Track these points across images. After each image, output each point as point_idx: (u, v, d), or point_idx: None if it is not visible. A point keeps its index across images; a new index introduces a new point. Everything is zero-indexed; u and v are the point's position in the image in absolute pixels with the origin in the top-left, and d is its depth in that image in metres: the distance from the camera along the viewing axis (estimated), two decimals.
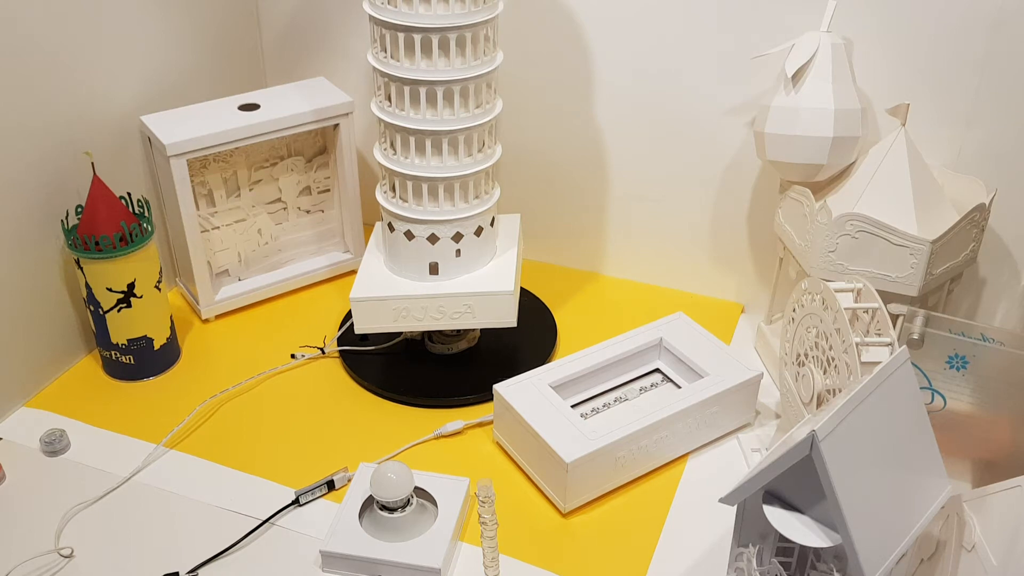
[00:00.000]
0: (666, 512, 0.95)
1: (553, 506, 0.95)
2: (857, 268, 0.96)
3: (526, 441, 0.96)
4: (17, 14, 0.97)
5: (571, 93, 1.19)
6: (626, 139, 1.20)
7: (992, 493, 0.74)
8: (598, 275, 1.32)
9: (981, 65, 0.99)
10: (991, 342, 0.87)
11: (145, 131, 1.13)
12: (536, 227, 1.28)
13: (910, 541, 0.70)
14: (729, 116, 1.13)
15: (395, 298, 1.05)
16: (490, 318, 1.07)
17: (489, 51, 0.99)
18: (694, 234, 1.23)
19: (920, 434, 0.75)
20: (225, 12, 1.26)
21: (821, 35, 0.97)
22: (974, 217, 0.96)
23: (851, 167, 1.01)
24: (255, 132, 1.14)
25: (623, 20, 1.12)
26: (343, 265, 1.30)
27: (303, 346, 1.17)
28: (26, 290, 1.05)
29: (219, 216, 1.21)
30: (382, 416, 1.07)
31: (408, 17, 0.93)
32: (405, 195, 1.04)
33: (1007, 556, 0.68)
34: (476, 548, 0.90)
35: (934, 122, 1.03)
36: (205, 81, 1.25)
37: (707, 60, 1.10)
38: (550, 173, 1.27)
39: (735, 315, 1.24)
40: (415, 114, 0.99)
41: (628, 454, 0.95)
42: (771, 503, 0.71)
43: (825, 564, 0.75)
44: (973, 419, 0.91)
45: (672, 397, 0.99)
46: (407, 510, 0.88)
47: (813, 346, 0.88)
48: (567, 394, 1.01)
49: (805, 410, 0.89)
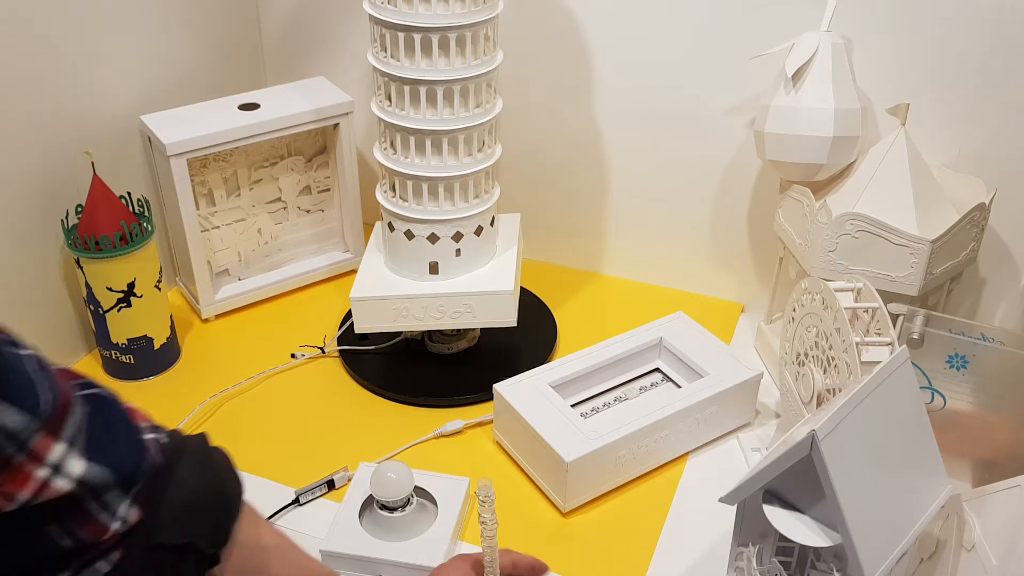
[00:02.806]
0: (666, 512, 0.95)
1: (553, 506, 0.95)
2: (857, 268, 0.96)
3: (526, 441, 0.96)
4: (17, 14, 0.97)
5: (571, 93, 1.19)
6: (626, 139, 1.20)
7: (992, 493, 0.74)
8: (598, 275, 1.32)
9: (981, 65, 0.99)
10: (991, 342, 0.87)
11: (145, 131, 1.13)
12: (536, 227, 1.28)
13: (910, 541, 0.70)
14: (729, 116, 1.13)
15: (395, 298, 1.05)
16: (490, 318, 1.07)
17: (489, 51, 0.99)
18: (694, 234, 1.23)
19: (920, 434, 0.75)
20: (225, 12, 1.26)
21: (821, 35, 0.97)
22: (974, 217, 0.96)
23: (851, 167, 1.01)
24: (255, 132, 1.14)
25: (623, 20, 1.12)
26: (343, 265, 1.30)
27: (303, 346, 1.17)
28: (26, 289, 1.05)
29: (219, 216, 1.21)
30: (382, 416, 1.07)
31: (408, 17, 0.93)
32: (405, 195, 1.04)
33: (1007, 556, 0.68)
34: (476, 548, 0.90)
35: (934, 122, 1.03)
36: (205, 81, 1.25)
37: (707, 59, 1.10)
38: (550, 173, 1.27)
39: (735, 315, 1.24)
40: (415, 114, 0.99)
41: (628, 454, 0.95)
42: (771, 503, 0.71)
43: (825, 564, 0.75)
44: (973, 419, 0.91)
45: (672, 397, 0.99)
46: (407, 510, 0.88)
47: (813, 345, 0.88)
48: (567, 394, 1.01)
49: (805, 410, 0.89)
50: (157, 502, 0.55)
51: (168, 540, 0.55)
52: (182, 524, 0.56)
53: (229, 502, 0.60)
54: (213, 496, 0.59)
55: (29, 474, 0.49)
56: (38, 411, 0.49)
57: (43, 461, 0.49)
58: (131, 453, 0.55)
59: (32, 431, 0.49)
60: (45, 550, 0.52)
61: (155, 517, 0.55)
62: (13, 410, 0.48)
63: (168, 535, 0.55)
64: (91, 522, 0.52)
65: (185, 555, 0.56)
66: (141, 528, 0.55)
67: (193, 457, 0.59)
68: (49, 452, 0.50)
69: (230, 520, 0.59)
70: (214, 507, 0.58)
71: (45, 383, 0.51)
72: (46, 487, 0.50)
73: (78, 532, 0.52)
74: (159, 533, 0.55)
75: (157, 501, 0.55)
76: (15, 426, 0.48)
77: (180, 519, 0.56)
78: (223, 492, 0.60)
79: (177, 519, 0.56)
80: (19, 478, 0.49)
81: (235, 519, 0.60)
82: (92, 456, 0.52)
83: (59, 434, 0.50)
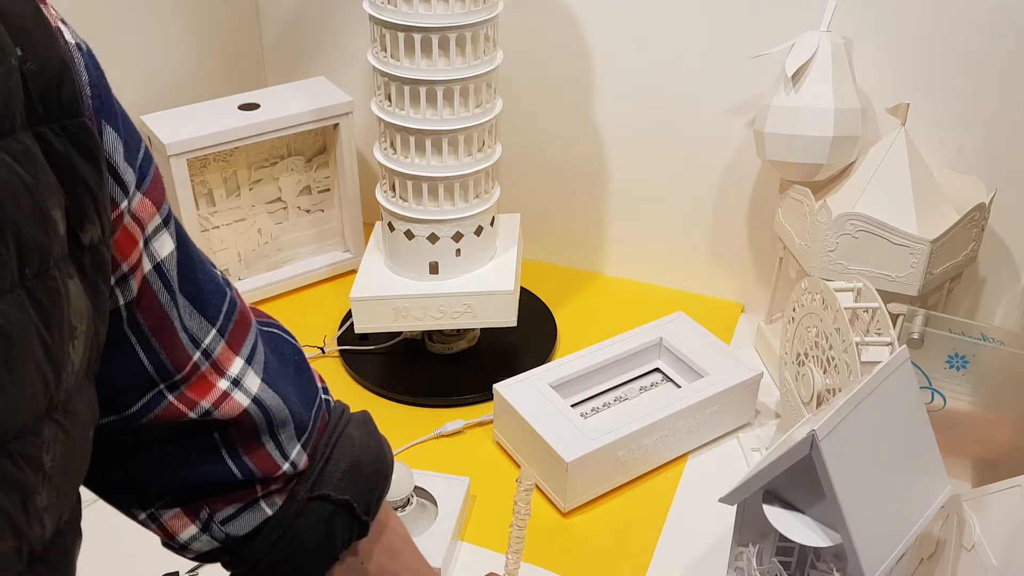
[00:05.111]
0: (666, 512, 0.95)
1: (553, 506, 0.95)
2: (857, 268, 0.96)
3: (526, 440, 0.96)
4: None
5: (571, 93, 1.19)
6: (626, 138, 1.20)
7: (992, 493, 0.74)
8: (598, 275, 1.32)
9: (981, 65, 0.99)
10: (991, 342, 0.87)
11: (145, 131, 1.13)
12: (536, 227, 1.28)
13: (910, 541, 0.70)
14: (729, 116, 1.13)
15: (395, 298, 1.05)
16: (490, 317, 1.07)
17: (489, 51, 0.99)
18: (694, 234, 1.23)
19: (920, 434, 0.75)
20: (225, 12, 1.26)
21: (821, 34, 0.97)
22: (974, 217, 0.96)
23: (851, 167, 1.01)
24: (255, 132, 1.14)
25: (623, 20, 1.12)
26: (343, 265, 1.30)
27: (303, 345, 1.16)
28: None
29: (219, 216, 1.21)
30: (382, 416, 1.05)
31: (408, 17, 0.93)
32: (405, 194, 1.04)
33: (1007, 556, 0.68)
34: (476, 548, 0.90)
35: (934, 122, 1.03)
36: (205, 81, 1.25)
37: (707, 59, 1.10)
38: (550, 173, 1.27)
39: (735, 315, 1.24)
40: (415, 113, 0.99)
41: (628, 453, 0.95)
42: (771, 503, 0.71)
43: (825, 564, 0.75)
44: (973, 419, 0.91)
45: (672, 397, 0.99)
46: (407, 510, 0.88)
47: (813, 345, 0.88)
48: (567, 394, 1.01)
49: (805, 410, 0.89)
50: (327, 454, 0.57)
51: (332, 492, 0.56)
52: (347, 481, 0.57)
53: (386, 473, 0.61)
54: (376, 462, 0.60)
55: (212, 384, 0.50)
56: (223, 322, 0.51)
57: (224, 373, 0.51)
58: (305, 396, 0.57)
59: (216, 342, 0.50)
60: (219, 473, 0.53)
61: (324, 467, 0.57)
62: (200, 317, 0.49)
63: (333, 488, 0.56)
64: (264, 456, 0.54)
65: (340, 514, 0.57)
66: (307, 476, 0.56)
67: (360, 420, 0.61)
68: (231, 365, 0.51)
69: (383, 490, 0.61)
70: (375, 473, 0.60)
71: (231, 297, 0.52)
72: (226, 398, 0.51)
73: (251, 462, 0.53)
74: (324, 484, 0.56)
75: (327, 453, 0.57)
76: (201, 334, 0.49)
77: (346, 475, 0.57)
78: (384, 461, 0.61)
79: (344, 474, 0.57)
80: (203, 386, 0.50)
81: (386, 491, 0.61)
82: (268, 380, 0.53)
83: (238, 350, 0.52)
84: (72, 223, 0.38)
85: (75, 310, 0.38)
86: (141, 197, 0.44)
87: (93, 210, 0.39)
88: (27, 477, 0.35)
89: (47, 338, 0.36)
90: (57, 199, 0.36)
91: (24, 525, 0.35)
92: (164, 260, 0.46)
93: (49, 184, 0.36)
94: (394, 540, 0.63)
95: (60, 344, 0.37)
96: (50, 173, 0.36)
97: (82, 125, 0.38)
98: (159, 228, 0.46)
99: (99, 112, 0.40)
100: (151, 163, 0.45)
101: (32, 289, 0.35)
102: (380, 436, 0.62)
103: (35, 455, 0.35)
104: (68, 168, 0.37)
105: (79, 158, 0.38)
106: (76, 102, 0.38)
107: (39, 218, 0.35)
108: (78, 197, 0.38)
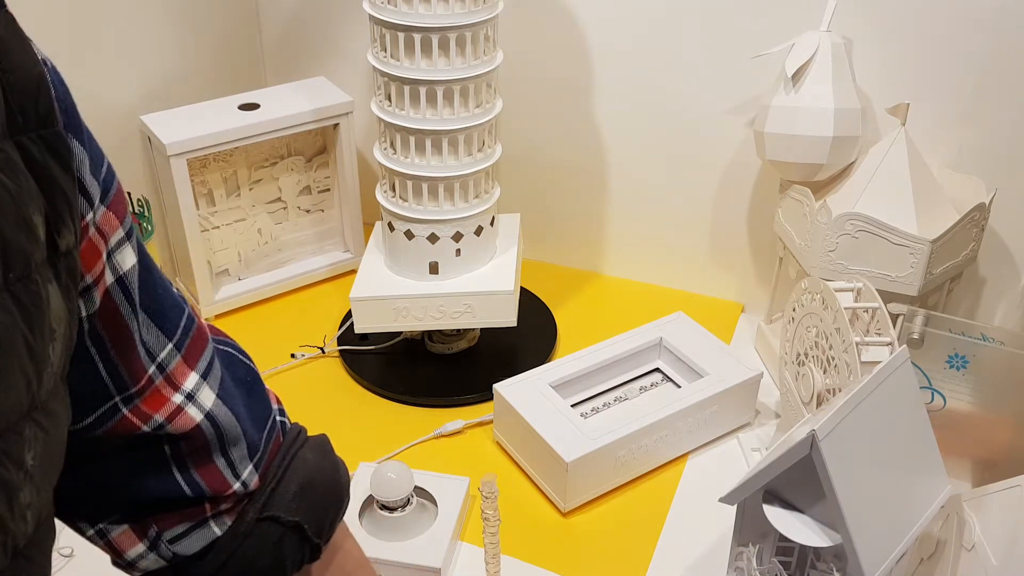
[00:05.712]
0: (666, 512, 0.95)
1: (553, 506, 0.95)
2: (857, 268, 0.96)
3: (526, 441, 0.96)
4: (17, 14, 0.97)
5: (571, 93, 1.19)
6: (626, 139, 1.20)
7: (992, 493, 0.74)
8: (598, 275, 1.32)
9: (981, 64, 0.99)
10: (991, 342, 0.87)
11: (145, 131, 1.13)
12: (536, 227, 1.28)
13: (910, 541, 0.70)
14: (729, 116, 1.13)
15: (395, 298, 1.05)
16: (490, 317, 1.07)
17: (489, 51, 0.99)
18: (694, 234, 1.23)
19: (920, 434, 0.75)
20: (225, 12, 1.26)
21: (821, 34, 0.97)
22: (974, 216, 0.96)
23: (851, 167, 1.01)
24: (255, 132, 1.14)
25: (623, 20, 1.12)
26: (343, 265, 1.30)
27: (303, 345, 1.17)
28: None
29: (219, 216, 1.21)
30: (382, 416, 1.07)
31: (408, 17, 0.93)
32: (405, 194, 1.04)
33: (1007, 556, 0.68)
34: (476, 548, 0.90)
35: (934, 122, 1.03)
36: (205, 81, 1.25)
37: (707, 59, 1.10)
38: (550, 173, 1.27)
39: (735, 315, 1.24)
40: (415, 113, 0.99)
41: (628, 453, 0.95)
42: (771, 503, 0.71)
43: (825, 564, 0.75)
44: (973, 419, 0.91)
45: (672, 396, 0.99)
46: (407, 510, 0.88)
47: (813, 345, 0.88)
48: (567, 394, 1.01)
49: (805, 410, 0.89)
50: (279, 475, 0.57)
51: (282, 514, 0.56)
52: (299, 502, 0.57)
53: (341, 496, 0.61)
54: (330, 484, 0.60)
55: (167, 398, 0.50)
56: (180, 337, 0.51)
57: (179, 388, 0.51)
58: (257, 417, 0.56)
59: (172, 356, 0.50)
60: (168, 488, 0.53)
61: (275, 489, 0.56)
62: (158, 331, 0.49)
63: (283, 509, 0.56)
64: (215, 473, 0.53)
65: (290, 536, 0.57)
66: (258, 497, 0.56)
67: (316, 443, 0.60)
68: (185, 380, 0.51)
69: (337, 513, 0.61)
70: (328, 495, 0.60)
71: (188, 313, 0.52)
72: (180, 412, 0.51)
73: (201, 479, 0.53)
74: (274, 505, 0.56)
75: (279, 474, 0.57)
76: (157, 348, 0.49)
77: (297, 496, 0.57)
78: (338, 483, 0.61)
79: (295, 496, 0.57)
80: (157, 399, 0.50)
81: (341, 515, 0.61)
82: (222, 396, 0.53)
83: (194, 365, 0.52)
84: (51, 229, 0.39)
85: (54, 313, 0.39)
86: (105, 210, 0.45)
87: (69, 216, 0.40)
88: (12, 475, 0.36)
89: (31, 340, 0.37)
90: (38, 205, 0.38)
91: (9, 522, 0.36)
92: (126, 273, 0.47)
93: (30, 191, 0.37)
94: (347, 563, 0.63)
95: (42, 345, 0.38)
96: (31, 180, 0.38)
97: (58, 135, 0.40)
98: (122, 241, 0.46)
99: (66, 126, 0.41)
100: (114, 177, 0.46)
101: (16, 292, 0.36)
102: (336, 458, 0.62)
103: (18, 454, 0.37)
104: (46, 175, 0.39)
105: (56, 166, 0.39)
106: (52, 113, 0.40)
107: (22, 224, 0.36)
108: (56, 203, 0.39)
